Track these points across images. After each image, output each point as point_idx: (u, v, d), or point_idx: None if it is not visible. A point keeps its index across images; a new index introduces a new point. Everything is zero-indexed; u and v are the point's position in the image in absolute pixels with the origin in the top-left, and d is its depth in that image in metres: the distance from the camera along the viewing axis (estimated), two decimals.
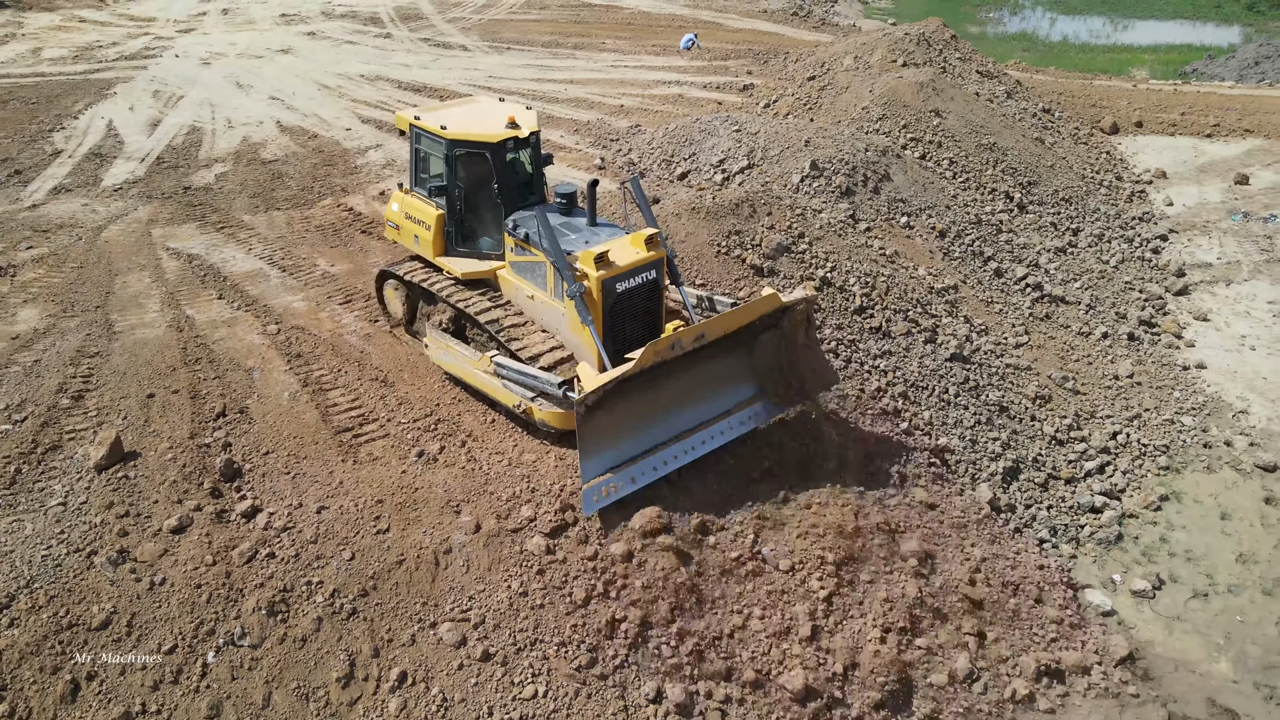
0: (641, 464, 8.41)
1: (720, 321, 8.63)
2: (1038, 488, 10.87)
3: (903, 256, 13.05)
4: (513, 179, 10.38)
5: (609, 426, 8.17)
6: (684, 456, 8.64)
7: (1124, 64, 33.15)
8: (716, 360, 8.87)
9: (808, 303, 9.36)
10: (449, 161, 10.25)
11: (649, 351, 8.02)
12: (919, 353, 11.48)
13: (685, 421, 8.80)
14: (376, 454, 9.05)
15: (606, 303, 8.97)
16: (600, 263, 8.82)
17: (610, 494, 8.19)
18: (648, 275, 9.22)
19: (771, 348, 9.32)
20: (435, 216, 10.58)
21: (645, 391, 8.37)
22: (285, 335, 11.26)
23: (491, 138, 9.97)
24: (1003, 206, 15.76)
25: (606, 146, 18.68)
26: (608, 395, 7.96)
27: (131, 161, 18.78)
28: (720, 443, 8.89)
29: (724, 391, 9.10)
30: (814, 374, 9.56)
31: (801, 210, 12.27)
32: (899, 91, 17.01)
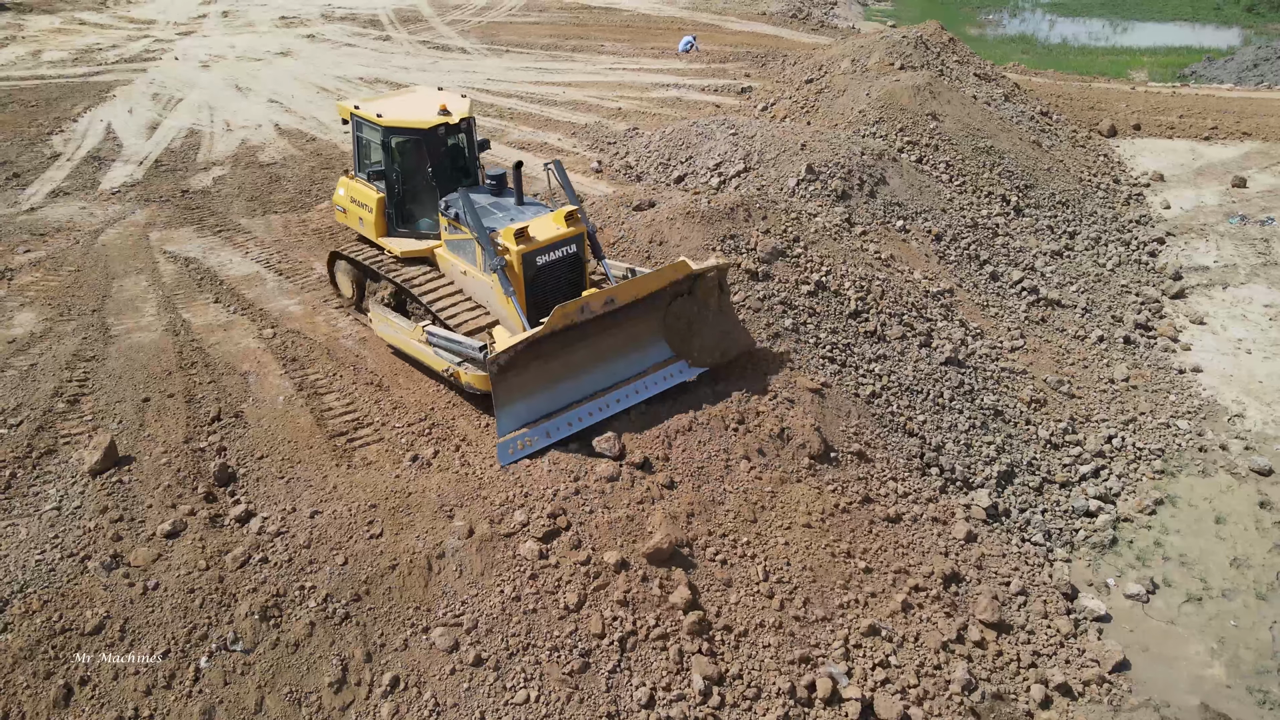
0: (557, 420, 9.02)
1: (630, 286, 9.23)
2: (1032, 492, 10.88)
3: (898, 260, 13.06)
4: (446, 163, 10.96)
5: (524, 384, 8.77)
6: (598, 414, 9.25)
7: (1123, 66, 33.18)
8: (631, 324, 9.44)
9: (719, 270, 9.91)
10: (385, 147, 10.88)
11: (557, 314, 8.62)
12: (914, 356, 11.49)
13: (600, 381, 9.38)
14: (370, 458, 9.07)
15: (528, 274, 9.61)
16: (520, 237, 9.47)
17: (525, 447, 8.80)
18: (568, 249, 9.89)
19: (685, 313, 9.83)
20: (376, 200, 11.23)
21: (559, 352, 8.93)
22: (281, 339, 11.28)
23: (424, 124, 10.59)
24: (999, 210, 15.78)
25: (604, 150, 18.70)
26: (521, 355, 8.56)
27: (130, 164, 18.81)
28: (635, 401, 9.48)
29: (639, 353, 9.64)
30: (727, 337, 10.08)
31: (797, 214, 12.29)
32: (896, 95, 17.03)
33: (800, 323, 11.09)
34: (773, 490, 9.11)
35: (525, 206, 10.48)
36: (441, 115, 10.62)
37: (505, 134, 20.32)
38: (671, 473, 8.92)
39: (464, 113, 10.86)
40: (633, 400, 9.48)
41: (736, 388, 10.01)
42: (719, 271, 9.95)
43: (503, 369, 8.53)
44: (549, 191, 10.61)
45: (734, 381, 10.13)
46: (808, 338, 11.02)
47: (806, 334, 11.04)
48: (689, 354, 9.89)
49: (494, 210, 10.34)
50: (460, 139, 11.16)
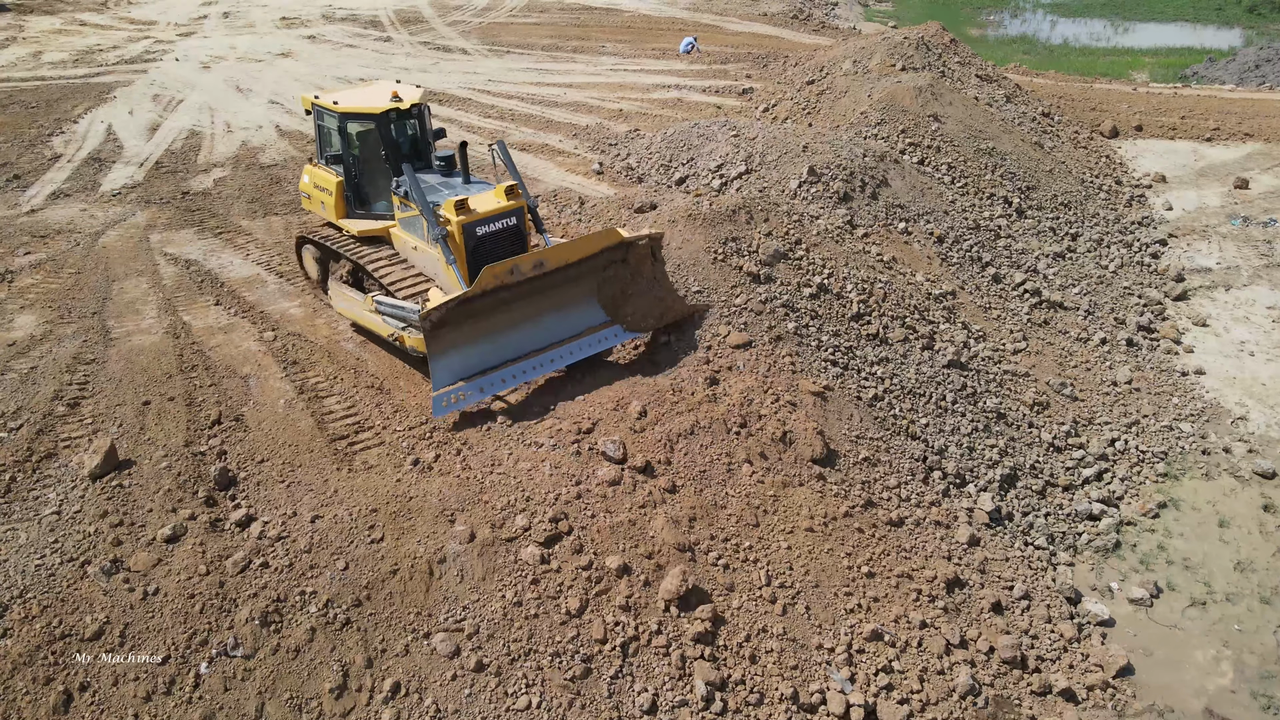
0: (490, 376, 9.54)
1: (559, 251, 9.83)
2: (1035, 495, 10.85)
3: (900, 263, 13.03)
4: (399, 146, 11.66)
5: (458, 342, 9.34)
6: (532, 372, 9.84)
7: (1124, 67, 33.15)
8: (566, 288, 10.07)
9: (651, 239, 10.51)
10: (342, 132, 11.53)
11: (487, 274, 9.18)
12: (916, 359, 11.45)
13: (535, 341, 9.97)
14: (371, 462, 9.04)
15: (469, 244, 10.18)
16: (460, 209, 10.07)
17: (459, 400, 9.32)
18: (508, 221, 10.47)
19: (619, 279, 10.44)
20: (335, 183, 11.87)
21: (493, 312, 9.55)
22: (282, 342, 11.25)
23: (375, 109, 11.24)
24: (1001, 212, 15.74)
25: (605, 151, 18.67)
26: (454, 314, 9.14)
27: (130, 166, 18.79)
28: (569, 361, 10.10)
29: (574, 316, 10.27)
30: (661, 303, 10.64)
31: (799, 216, 12.25)
32: (897, 96, 16.99)
33: (802, 325, 11.06)
34: (775, 494, 9.08)
35: (471, 184, 11.16)
36: (393, 101, 11.29)
37: (506, 136, 20.30)
38: (674, 476, 8.89)
39: (415, 100, 11.52)
40: (567, 360, 10.08)
41: (739, 390, 9.99)
42: (651, 241, 10.51)
43: (435, 325, 9.06)
44: (495, 170, 11.43)
45: (735, 384, 10.11)
46: (810, 340, 10.98)
47: (809, 337, 11.00)
48: (623, 319, 10.49)
49: (441, 188, 10.98)
50: (412, 125, 11.84)
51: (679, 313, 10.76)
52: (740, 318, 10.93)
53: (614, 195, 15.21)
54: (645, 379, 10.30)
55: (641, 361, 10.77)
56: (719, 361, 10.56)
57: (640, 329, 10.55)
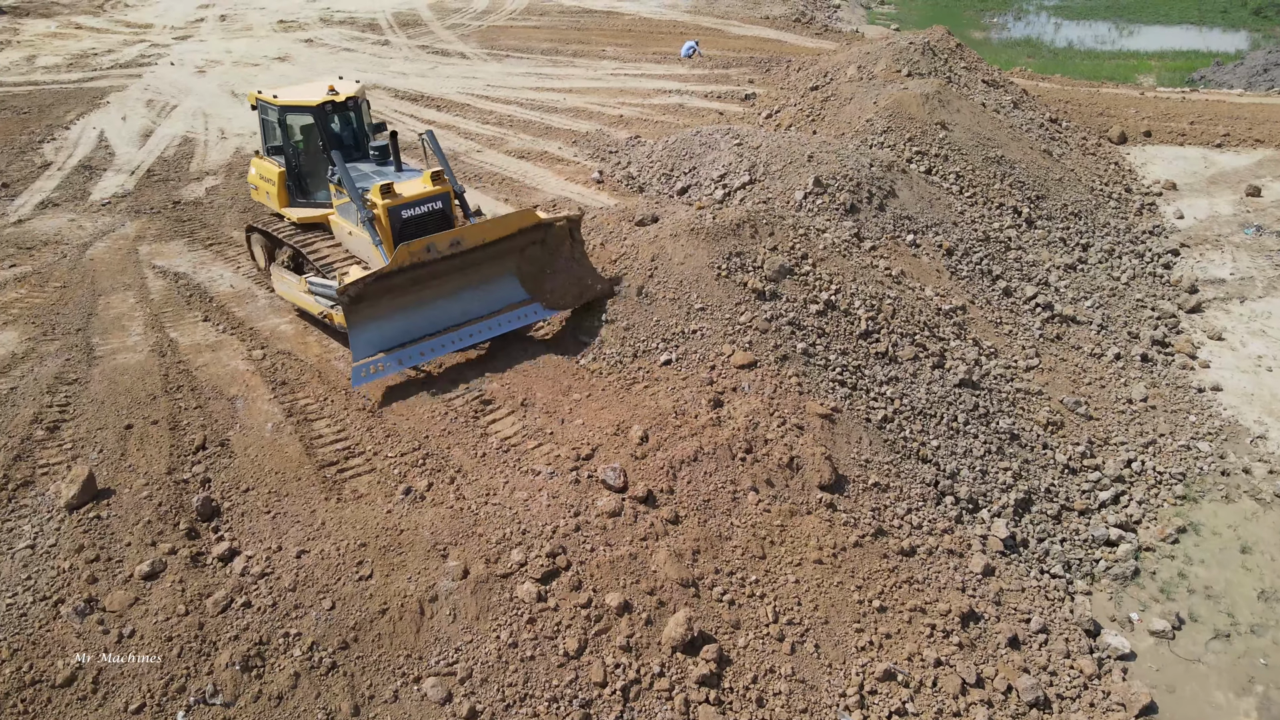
0: (410, 349, 10.05)
1: (476, 230, 10.40)
2: (1050, 520, 10.47)
3: (909, 277, 12.66)
4: (337, 137, 12.15)
5: (377, 316, 9.86)
6: (451, 346, 10.40)
7: (1130, 71, 32.79)
8: (486, 266, 10.64)
9: (570, 220, 11.11)
10: (282, 125, 12.03)
11: (402, 251, 9.73)
12: (927, 378, 11.08)
13: (454, 316, 10.51)
14: (361, 490, 8.67)
15: (394, 227, 10.59)
16: (386, 193, 10.54)
17: (378, 371, 9.84)
18: (434, 205, 10.89)
19: (538, 259, 11.04)
20: (277, 174, 12.31)
21: (412, 289, 10.08)
22: (271, 361, 10.89)
23: (312, 102, 11.70)
24: (1011, 222, 15.37)
25: (605, 159, 18.31)
26: (373, 289, 9.64)
27: (121, 174, 18.44)
28: (488, 337, 10.67)
29: (493, 293, 10.82)
30: (580, 282, 11.14)
31: (805, 230, 11.88)
32: (904, 103, 16.63)
33: (809, 344, 10.69)
34: (782, 524, 8.72)
35: (403, 172, 11.65)
36: (329, 94, 11.75)
37: (504, 143, 19.94)
38: (676, 506, 8.52)
39: (351, 93, 12.00)
40: (486, 336, 10.65)
41: (744, 413, 9.63)
42: (569, 222, 11.12)
43: (353, 300, 9.57)
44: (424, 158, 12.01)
45: (740, 406, 9.75)
46: (817, 360, 10.61)
47: (816, 356, 10.64)
48: (542, 296, 11.06)
49: (374, 175, 11.46)
50: (350, 117, 12.30)
51: (597, 293, 11.26)
52: (745, 336, 10.57)
53: (614, 206, 14.83)
54: (647, 400, 9.94)
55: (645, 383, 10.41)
56: (723, 382, 10.20)
57: (559, 306, 11.11)
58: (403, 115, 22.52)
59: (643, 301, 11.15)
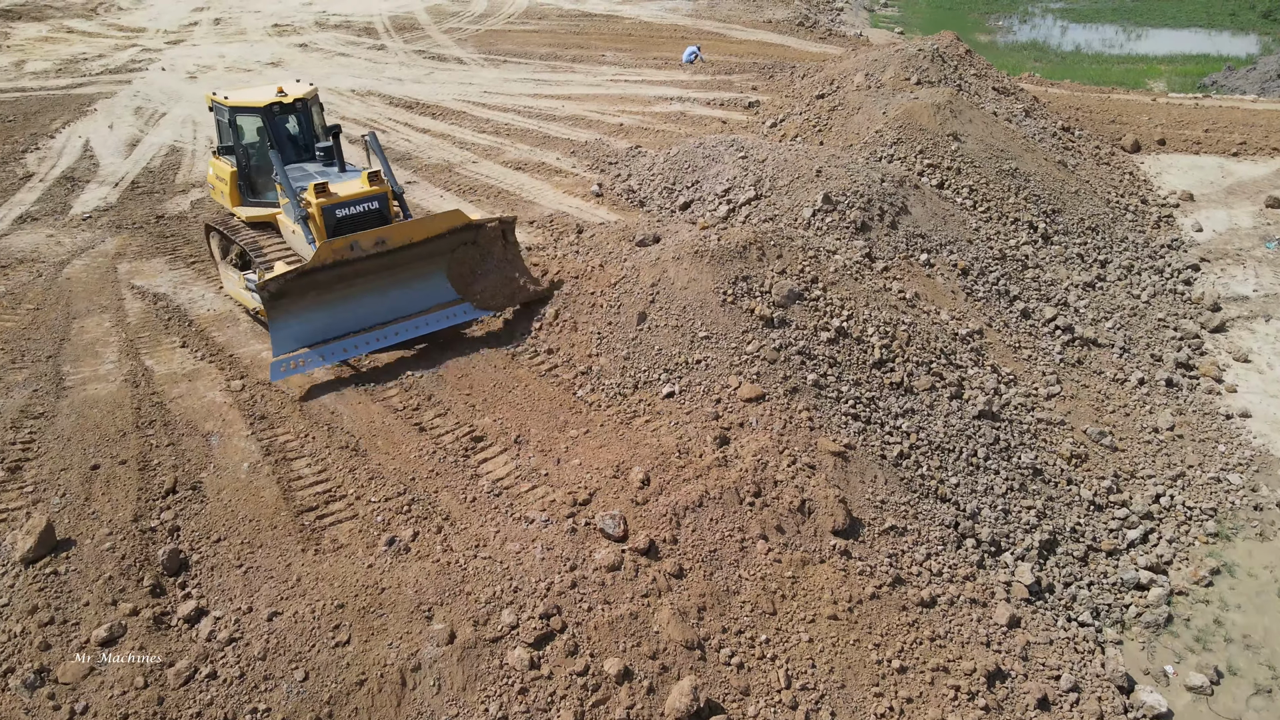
0: (332, 345, 10.23)
1: (402, 229, 10.53)
2: (1077, 562, 9.86)
3: (924, 299, 12.05)
4: (286, 138, 12.30)
5: (299, 311, 10.06)
6: (375, 343, 10.54)
7: (1140, 75, 32.19)
8: (414, 265, 10.79)
9: (502, 222, 11.28)
10: (232, 125, 12.14)
11: (325, 249, 9.93)
12: (944, 410, 10.47)
13: (380, 314, 10.66)
14: (342, 540, 8.06)
15: (329, 225, 10.71)
16: (320, 192, 10.65)
17: (298, 366, 10.02)
18: (370, 205, 10.97)
19: (468, 260, 11.20)
20: (230, 173, 12.45)
21: (337, 285, 10.26)
22: (250, 392, 10.29)
23: (260, 103, 11.87)
24: (1026, 238, 14.76)
25: (604, 170, 17.71)
26: (295, 285, 9.85)
27: (105, 186, 17.84)
28: (415, 335, 10.78)
29: (422, 293, 10.96)
30: (511, 283, 11.32)
31: (815, 252, 11.28)
32: (914, 113, 16.02)
33: (820, 375, 10.09)
34: (794, 575, 8.11)
35: (345, 172, 11.74)
36: (277, 95, 11.90)
37: (501, 153, 19.33)
38: (680, 558, 7.91)
39: (300, 94, 12.10)
40: (412, 334, 10.76)
41: (752, 452, 9.02)
42: (502, 224, 11.28)
43: (274, 295, 9.78)
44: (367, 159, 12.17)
45: (748, 443, 9.14)
46: (829, 392, 10.01)
47: (827, 388, 10.03)
48: (472, 296, 11.21)
49: (317, 176, 11.52)
50: (299, 118, 12.43)
51: (528, 296, 11.42)
52: (752, 367, 9.96)
53: (614, 222, 14.23)
54: (649, 437, 9.33)
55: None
56: (729, 417, 9.60)
57: (489, 307, 11.29)
58: (396, 124, 21.93)
59: (644, 328, 10.55)
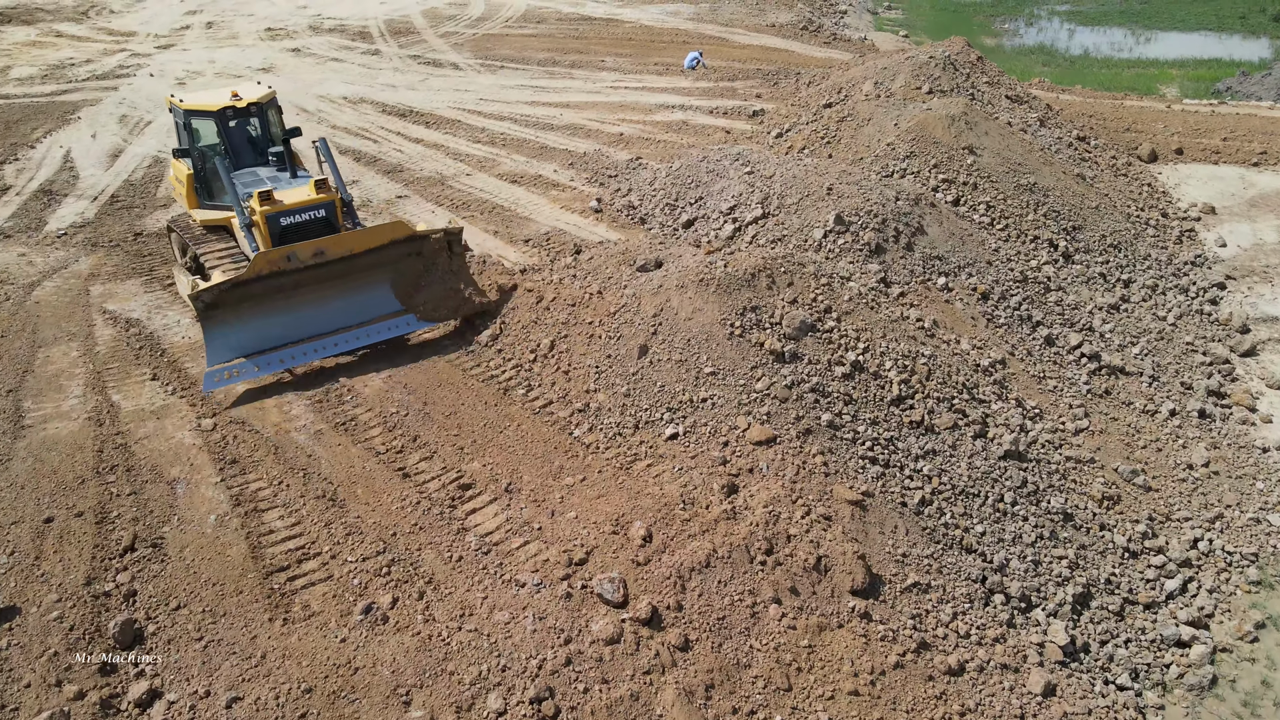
0: (269, 355, 10.21)
1: (342, 240, 10.45)
2: (1113, 617, 9.14)
3: (943, 327, 11.33)
4: (240, 142, 12.24)
5: (235, 321, 10.01)
6: (314, 354, 10.50)
7: (1151, 81, 31.51)
8: (356, 276, 10.70)
9: (447, 232, 11.18)
10: (187, 127, 12.12)
11: (260, 260, 9.89)
12: (968, 450, 9.75)
13: (320, 325, 10.58)
14: (314, 607, 7.34)
15: (273, 233, 10.66)
16: (265, 200, 10.58)
17: (233, 376, 10.00)
18: (316, 213, 10.88)
19: (413, 271, 11.11)
20: (187, 176, 12.30)
21: (275, 295, 10.20)
22: (222, 433, 9.57)
23: (213, 106, 11.84)
24: (1047, 257, 14.03)
25: (604, 184, 16.99)
26: (230, 295, 9.82)
27: (83, 200, 17.13)
28: (355, 346, 10.75)
29: (364, 303, 10.86)
30: (456, 295, 11.24)
31: (827, 279, 10.56)
32: (928, 126, 15.31)
33: (836, 414, 9.37)
34: (810, 643, 7.39)
35: (296, 178, 11.66)
36: (231, 99, 11.85)
37: (496, 164, 18.61)
38: (686, 627, 7.20)
39: (255, 98, 11.97)
40: (353, 345, 10.74)
41: (763, 501, 8.30)
42: (447, 235, 11.19)
43: (209, 305, 9.75)
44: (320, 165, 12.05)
45: (759, 492, 8.42)
46: (844, 433, 9.29)
47: (843, 428, 9.31)
48: (416, 308, 11.11)
49: (268, 181, 11.52)
50: (254, 122, 12.35)
51: (474, 308, 11.36)
52: (762, 406, 9.24)
53: (614, 242, 13.51)
54: (650, 485, 8.62)
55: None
56: (738, 462, 8.88)
57: (433, 319, 11.20)
58: (389, 133, 21.22)
59: (645, 363, 9.83)
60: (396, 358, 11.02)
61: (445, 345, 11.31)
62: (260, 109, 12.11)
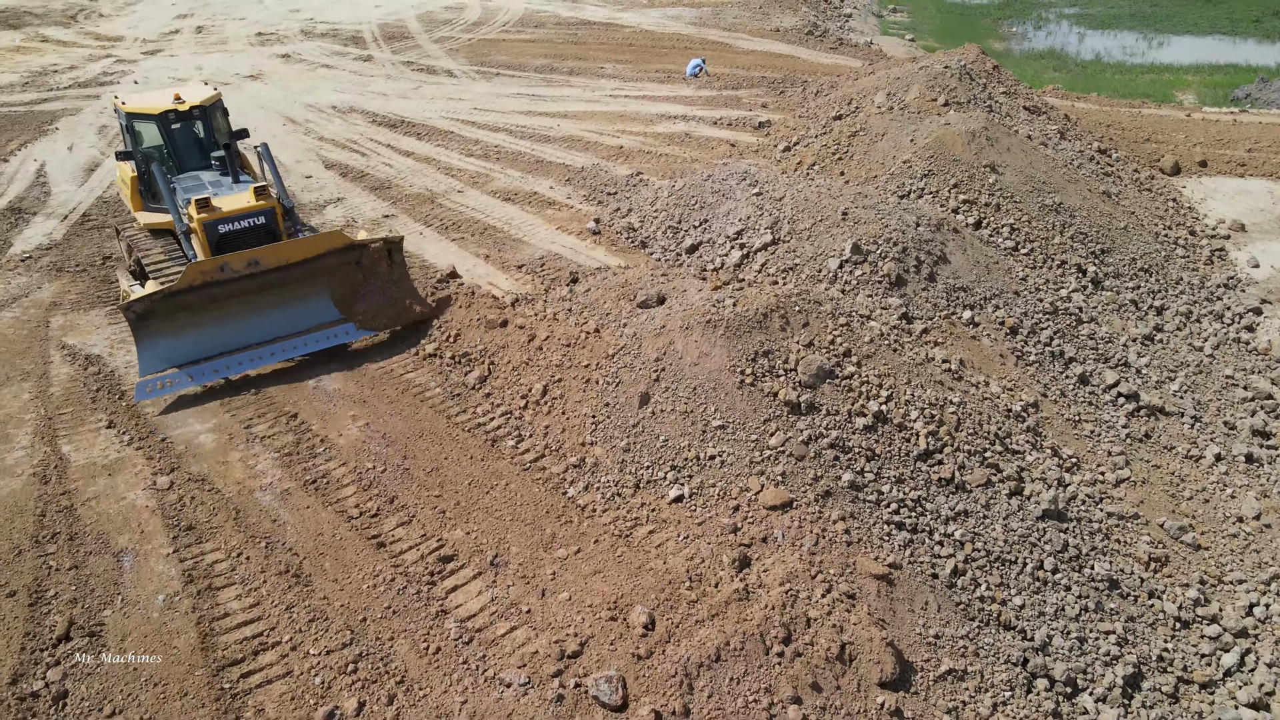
0: (203, 365, 10.17)
1: (278, 250, 10.35)
2: (1167, 699, 8.23)
3: (970, 368, 10.42)
4: (184, 144, 12.11)
5: (168, 331, 9.96)
6: (250, 364, 10.41)
7: (1166, 87, 30.59)
8: (293, 286, 10.63)
9: (387, 242, 11.18)
10: (130, 130, 12.08)
11: (192, 270, 9.81)
12: (1003, 510, 8.84)
13: (257, 334, 10.51)
14: (269, 712, 6.43)
15: (211, 240, 10.61)
16: (202, 207, 10.50)
17: (166, 386, 9.90)
18: (255, 220, 10.80)
19: (351, 280, 11.08)
20: (131, 178, 12.33)
21: (210, 306, 10.13)
22: (179, 492, 8.65)
23: (154, 109, 11.74)
24: (1075, 283, 13.12)
25: (603, 202, 16.07)
26: (163, 305, 9.74)
27: (53, 219, 16.22)
28: (293, 355, 10.63)
29: (302, 313, 10.80)
30: (396, 304, 11.23)
31: (847, 318, 9.64)
32: (946, 142, 14.40)
33: (858, 473, 8.46)
34: None
35: (238, 184, 11.58)
36: (173, 102, 11.72)
37: (490, 180, 17.70)
38: None
39: (197, 101, 11.86)
40: (291, 354, 10.62)
41: (778, 578, 7.40)
42: (387, 244, 11.17)
43: (141, 316, 9.71)
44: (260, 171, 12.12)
45: (774, 567, 7.52)
46: (867, 494, 8.38)
47: (865, 489, 8.40)
48: (355, 317, 11.08)
49: (209, 186, 11.45)
50: (197, 125, 12.18)
51: (415, 316, 11.35)
52: (776, 465, 8.33)
53: (613, 270, 12.60)
54: (653, 558, 7.71)
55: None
56: (750, 529, 7.97)
57: (373, 328, 11.15)
58: (378, 145, 20.30)
59: (647, 413, 8.93)
60: (376, 403, 10.11)
61: (430, 387, 10.41)
62: (204, 112, 11.99)
